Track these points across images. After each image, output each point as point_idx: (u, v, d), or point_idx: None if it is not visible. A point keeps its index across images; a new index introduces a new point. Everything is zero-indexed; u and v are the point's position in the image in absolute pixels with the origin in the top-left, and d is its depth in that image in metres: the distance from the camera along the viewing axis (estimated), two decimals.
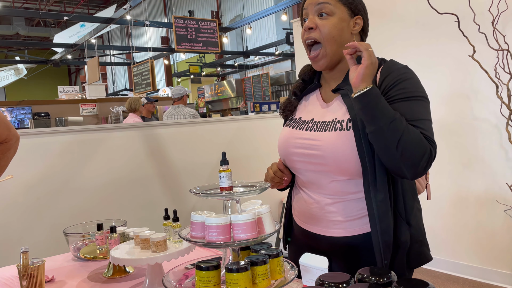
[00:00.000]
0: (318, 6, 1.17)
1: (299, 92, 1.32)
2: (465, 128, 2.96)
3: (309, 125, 1.21)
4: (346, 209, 1.16)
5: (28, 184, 2.28)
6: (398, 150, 1.02)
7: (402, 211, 1.14)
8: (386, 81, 1.13)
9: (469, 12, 2.73)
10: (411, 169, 1.04)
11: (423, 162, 1.03)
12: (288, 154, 1.24)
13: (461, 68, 2.93)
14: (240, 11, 14.43)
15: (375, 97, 1.04)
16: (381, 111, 1.03)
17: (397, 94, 1.10)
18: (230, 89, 11.57)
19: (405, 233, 1.14)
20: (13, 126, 1.32)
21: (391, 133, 1.02)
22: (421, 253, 1.19)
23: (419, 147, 1.03)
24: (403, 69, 1.15)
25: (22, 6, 17.25)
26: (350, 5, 1.18)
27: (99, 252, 1.51)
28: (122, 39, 21.24)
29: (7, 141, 1.26)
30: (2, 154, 1.25)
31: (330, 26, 1.16)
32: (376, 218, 1.10)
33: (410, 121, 1.06)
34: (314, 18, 1.18)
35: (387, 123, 1.02)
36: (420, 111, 1.09)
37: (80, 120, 7.33)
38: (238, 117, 3.63)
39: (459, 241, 3.06)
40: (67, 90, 11.79)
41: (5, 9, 13.02)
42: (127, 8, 8.35)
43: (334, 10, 1.16)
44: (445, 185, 3.08)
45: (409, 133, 1.02)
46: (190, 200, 2.88)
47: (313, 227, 1.23)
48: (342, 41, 1.17)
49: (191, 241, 1.02)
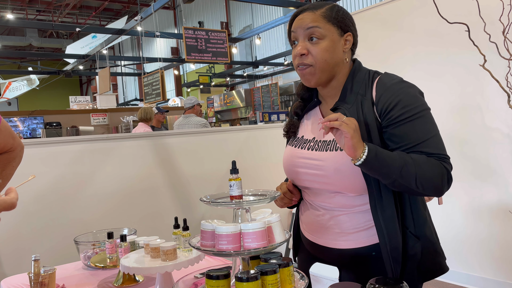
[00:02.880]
0: (308, 31, 1.16)
1: (300, 111, 1.32)
2: (476, 138, 2.93)
3: (310, 144, 1.21)
4: (353, 220, 1.16)
5: (40, 193, 2.30)
6: (419, 187, 1.04)
7: (410, 225, 1.14)
8: (383, 99, 1.12)
9: (480, 21, 2.72)
10: (436, 193, 1.08)
11: (444, 183, 1.07)
12: (293, 173, 1.25)
13: (472, 77, 2.91)
14: (249, 21, 14.54)
15: (376, 157, 1.02)
16: (388, 167, 1.03)
17: (399, 116, 1.09)
18: (239, 99, 11.61)
19: (414, 247, 1.13)
20: (17, 135, 1.32)
21: (406, 179, 1.03)
22: (435, 264, 1.17)
23: (436, 174, 1.05)
24: (399, 85, 1.13)
25: (35, 18, 17.58)
26: (339, 23, 1.17)
27: (109, 260, 1.52)
28: (132, 49, 21.51)
29: (12, 150, 1.27)
30: (8, 163, 1.26)
31: (322, 51, 1.15)
32: (385, 234, 1.10)
33: (417, 144, 1.06)
34: (304, 43, 1.17)
35: (398, 172, 1.03)
36: (425, 129, 1.09)
37: (91, 129, 7.41)
38: (247, 127, 3.64)
39: (472, 253, 3.01)
40: (78, 100, 11.93)
41: (19, 21, 13.28)
42: (138, 20, 8.46)
43: (324, 33, 1.15)
44: (457, 196, 3.04)
45: (421, 168, 1.03)
46: (199, 209, 2.88)
47: (320, 239, 1.23)
48: (334, 61, 1.17)
49: (201, 249, 1.02)
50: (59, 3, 16.12)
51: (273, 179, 1.35)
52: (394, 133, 1.09)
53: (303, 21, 1.17)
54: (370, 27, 3.52)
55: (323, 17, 1.16)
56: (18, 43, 18.31)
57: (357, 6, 10.91)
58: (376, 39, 3.47)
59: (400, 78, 1.17)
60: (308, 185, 1.22)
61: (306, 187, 1.25)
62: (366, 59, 3.17)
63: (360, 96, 1.16)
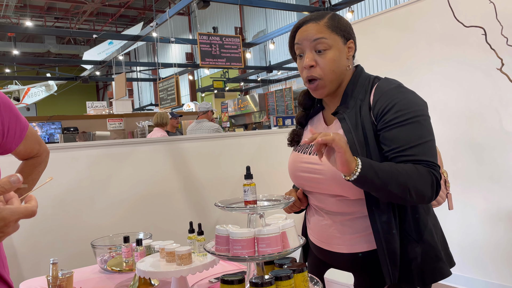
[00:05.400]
0: (315, 42, 1.16)
1: (304, 121, 1.35)
2: (494, 143, 2.88)
3: (311, 149, 1.23)
4: (355, 226, 1.17)
5: (57, 197, 2.34)
6: (411, 197, 1.04)
7: (410, 229, 1.14)
8: (379, 103, 1.12)
9: (497, 25, 2.68)
10: (426, 202, 1.08)
11: (433, 192, 1.07)
12: (296, 178, 1.27)
13: (490, 81, 2.87)
14: (263, 26, 14.59)
15: (369, 172, 1.01)
16: (381, 179, 1.02)
17: (392, 119, 1.09)
18: (253, 103, 11.64)
19: (414, 251, 1.14)
20: (43, 141, 1.36)
21: (399, 190, 1.03)
22: (435, 268, 1.17)
23: (426, 184, 1.05)
24: (396, 89, 1.13)
25: (53, 25, 17.95)
26: (342, 32, 1.18)
27: (125, 264, 1.53)
28: (148, 55, 21.77)
29: (38, 156, 1.30)
30: (34, 168, 1.30)
31: (329, 61, 1.16)
32: (382, 239, 1.11)
33: (408, 148, 1.06)
34: (312, 54, 1.17)
35: (392, 183, 1.02)
36: (417, 134, 1.08)
37: (107, 134, 7.51)
38: (261, 131, 3.65)
39: (490, 259, 2.95)
40: (95, 106, 12.12)
41: (37, 28, 13.58)
42: (153, 26, 8.57)
43: (330, 43, 1.15)
44: (475, 201, 2.99)
45: (413, 179, 1.03)
46: (213, 214, 2.89)
47: (324, 243, 1.24)
48: (340, 70, 1.18)
49: (216, 254, 1.02)
50: (77, 11, 16.44)
51: (287, 185, 1.36)
52: (386, 136, 1.10)
53: (308, 33, 1.17)
54: (385, 31, 3.50)
55: (327, 27, 1.16)
56: (36, 49, 18.71)
57: (372, 10, 10.86)
58: (391, 42, 3.45)
59: (399, 83, 1.17)
60: (310, 189, 1.25)
61: (309, 192, 1.27)
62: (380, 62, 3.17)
63: (360, 101, 1.17)
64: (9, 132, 1.14)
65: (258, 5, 8.26)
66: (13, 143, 1.17)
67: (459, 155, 2.96)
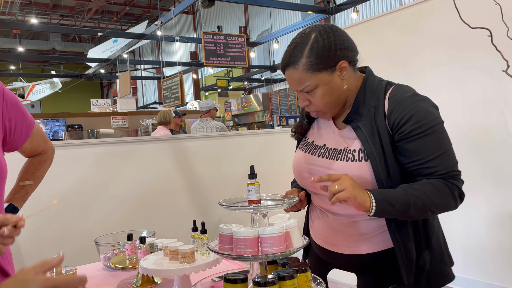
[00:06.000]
0: (300, 89, 1.15)
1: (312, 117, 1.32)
2: (499, 144, 2.87)
3: (321, 151, 1.22)
4: (360, 228, 1.17)
5: (62, 194, 2.35)
6: (435, 212, 1.09)
7: (421, 236, 1.15)
8: (395, 113, 1.11)
9: (502, 26, 2.67)
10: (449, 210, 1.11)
11: (457, 202, 1.10)
12: (303, 179, 1.26)
13: (495, 83, 2.86)
14: (267, 26, 14.58)
15: (384, 205, 1.04)
16: (399, 210, 1.05)
17: (411, 131, 1.08)
18: (256, 102, 11.64)
19: (424, 257, 1.14)
20: (49, 138, 1.37)
21: (419, 212, 1.06)
22: (442, 273, 1.18)
23: (446, 198, 1.07)
24: (411, 98, 1.12)
25: (58, 22, 18.01)
26: (325, 64, 1.11)
27: (128, 262, 1.54)
28: (152, 54, 21.80)
29: (44, 153, 1.31)
30: (39, 165, 1.31)
31: (320, 98, 1.14)
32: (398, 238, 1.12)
33: (428, 160, 1.07)
34: (303, 95, 1.17)
35: (411, 209, 1.05)
36: (436, 145, 1.09)
37: (111, 132, 7.53)
38: (264, 131, 3.65)
39: (494, 262, 2.94)
40: (99, 103, 12.16)
41: (42, 26, 13.63)
42: (158, 24, 8.58)
43: (316, 84, 1.12)
44: (478, 203, 2.98)
45: (430, 198, 1.05)
46: (217, 212, 2.89)
47: (328, 244, 1.24)
48: (337, 96, 1.16)
49: (219, 253, 1.03)
50: (82, 8, 16.48)
51: (290, 184, 1.35)
52: (406, 148, 1.09)
53: (291, 82, 1.16)
54: (389, 32, 3.49)
55: (307, 70, 1.11)
56: (41, 47, 18.78)
57: (377, 10, 10.83)
58: (396, 43, 3.44)
59: (413, 90, 1.15)
60: (316, 191, 1.23)
61: (315, 193, 1.26)
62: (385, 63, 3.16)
63: (373, 108, 1.15)
64: (16, 129, 1.15)
65: (263, 4, 8.26)
66: (20, 140, 1.18)
67: (463, 157, 2.93)
